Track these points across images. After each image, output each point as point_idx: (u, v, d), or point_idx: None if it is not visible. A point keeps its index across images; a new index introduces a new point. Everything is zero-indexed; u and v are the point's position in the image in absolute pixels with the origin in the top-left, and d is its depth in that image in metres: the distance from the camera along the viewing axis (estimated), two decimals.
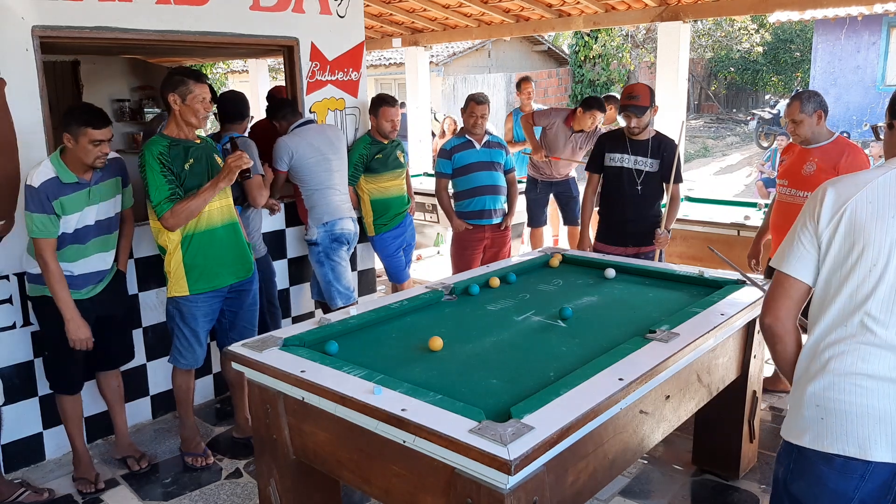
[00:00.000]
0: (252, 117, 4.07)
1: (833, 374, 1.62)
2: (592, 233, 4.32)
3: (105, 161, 2.97)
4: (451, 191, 4.74)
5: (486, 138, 4.62)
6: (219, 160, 3.24)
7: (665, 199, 3.98)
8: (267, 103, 4.50)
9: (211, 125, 7.56)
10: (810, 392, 1.66)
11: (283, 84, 4.54)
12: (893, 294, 1.57)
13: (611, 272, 3.39)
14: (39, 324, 3.16)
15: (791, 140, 3.67)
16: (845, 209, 1.61)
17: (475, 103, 4.51)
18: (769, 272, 3.62)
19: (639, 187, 3.96)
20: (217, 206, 3.17)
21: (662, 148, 3.96)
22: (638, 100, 3.85)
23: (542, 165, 5.87)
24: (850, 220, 1.60)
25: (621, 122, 5.60)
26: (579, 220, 4.57)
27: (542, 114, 5.90)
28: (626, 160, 3.98)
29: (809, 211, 1.69)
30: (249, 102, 3.98)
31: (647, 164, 3.96)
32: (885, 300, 1.57)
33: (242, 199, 3.58)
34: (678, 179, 3.96)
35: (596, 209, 4.26)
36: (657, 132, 4.05)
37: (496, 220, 4.66)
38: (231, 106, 3.78)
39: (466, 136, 4.59)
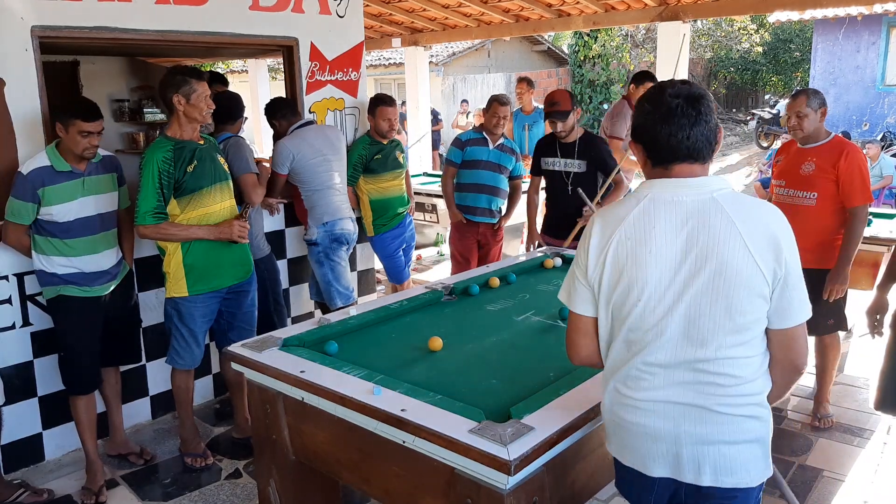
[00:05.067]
0: (246, 118, 4.07)
1: (618, 396, 1.67)
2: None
3: (95, 152, 3.02)
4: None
5: (500, 140, 4.67)
6: (221, 160, 3.25)
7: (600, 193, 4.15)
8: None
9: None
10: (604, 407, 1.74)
11: (283, 84, 4.53)
12: (660, 329, 1.57)
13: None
14: (55, 324, 3.16)
15: (791, 137, 3.64)
16: (609, 248, 1.61)
17: (499, 104, 4.59)
18: None
19: (569, 188, 4.17)
20: (218, 209, 3.18)
21: (588, 148, 4.15)
22: (559, 106, 4.08)
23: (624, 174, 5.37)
24: (613, 260, 1.60)
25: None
26: None
27: (615, 124, 5.18)
28: (557, 163, 4.23)
29: (581, 248, 1.69)
30: (244, 103, 3.97)
31: (574, 166, 4.16)
32: (654, 335, 1.57)
33: (241, 198, 3.57)
34: (612, 167, 4.13)
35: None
36: (585, 131, 4.25)
37: (489, 220, 4.70)
38: (225, 107, 3.78)
39: (483, 133, 4.65)
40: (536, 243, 4.40)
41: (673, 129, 1.55)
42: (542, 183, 4.50)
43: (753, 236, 1.50)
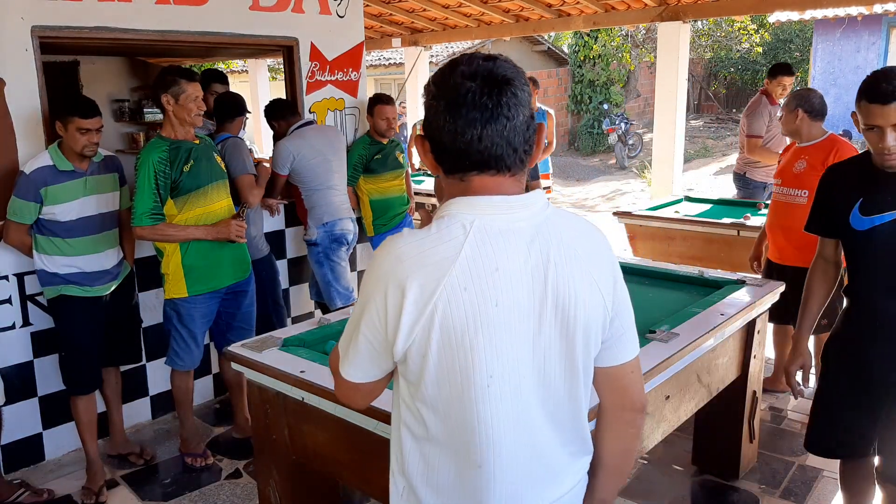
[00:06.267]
0: (248, 117, 4.08)
1: None
2: None
3: (95, 150, 3.03)
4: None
5: None
6: (218, 159, 3.26)
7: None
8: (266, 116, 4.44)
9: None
10: None
11: (283, 84, 4.53)
12: (520, 419, 1.14)
13: None
14: (56, 324, 3.16)
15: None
16: (435, 308, 1.08)
17: None
18: (768, 273, 3.63)
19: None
20: (215, 208, 3.18)
21: None
22: None
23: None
24: (445, 326, 1.08)
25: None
26: None
27: (752, 121, 5.05)
28: None
29: (376, 303, 1.12)
30: (246, 103, 3.98)
31: None
32: (514, 432, 1.15)
33: (239, 198, 3.57)
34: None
35: None
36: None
37: None
38: (227, 107, 3.79)
39: None
40: None
41: (460, 124, 1.08)
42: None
43: (593, 260, 1.17)
